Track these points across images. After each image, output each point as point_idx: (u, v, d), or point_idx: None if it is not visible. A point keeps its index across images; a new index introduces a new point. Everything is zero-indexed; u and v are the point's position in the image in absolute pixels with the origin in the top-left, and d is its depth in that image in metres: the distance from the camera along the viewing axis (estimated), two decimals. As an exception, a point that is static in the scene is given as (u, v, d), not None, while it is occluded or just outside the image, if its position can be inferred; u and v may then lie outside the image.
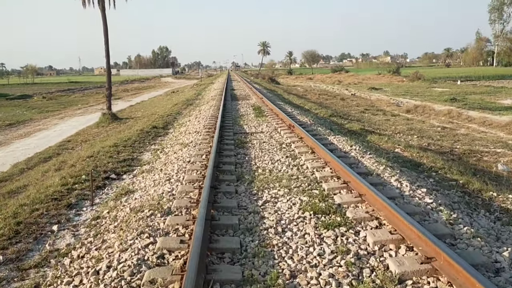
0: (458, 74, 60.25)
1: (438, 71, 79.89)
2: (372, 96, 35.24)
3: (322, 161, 6.96)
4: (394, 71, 66.09)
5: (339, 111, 22.08)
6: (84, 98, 46.27)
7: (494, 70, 69.77)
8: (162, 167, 7.58)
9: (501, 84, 45.64)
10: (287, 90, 38.61)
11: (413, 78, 52.66)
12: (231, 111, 15.56)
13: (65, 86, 72.81)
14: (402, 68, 74.85)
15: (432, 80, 52.15)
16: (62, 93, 56.27)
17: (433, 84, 48.36)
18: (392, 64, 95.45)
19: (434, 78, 54.69)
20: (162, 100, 33.36)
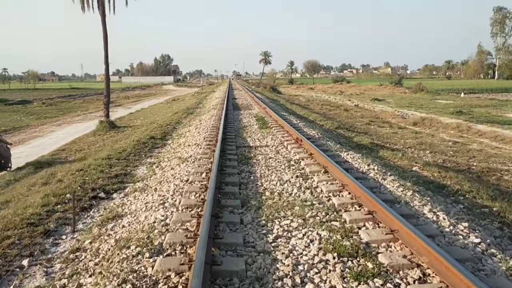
0: (461, 87, 59.58)
1: (440, 83, 79.25)
2: (376, 108, 34.50)
3: (338, 183, 6.07)
4: (396, 82, 65.43)
5: (344, 123, 21.27)
6: (84, 105, 45.51)
7: (497, 83, 69.10)
8: (157, 186, 6.69)
9: (505, 98, 44.91)
10: (289, 100, 37.85)
11: (416, 90, 51.95)
12: (233, 121, 14.71)
13: (66, 92, 72.15)
14: (403, 79, 74.09)
15: (435, 92, 51.43)
16: (63, 99, 55.56)
17: (436, 96, 47.64)
18: (394, 75, 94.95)
19: (437, 90, 53.98)
20: (162, 108, 32.59)
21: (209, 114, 17.82)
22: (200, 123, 15.21)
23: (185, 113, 21.71)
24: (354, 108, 32.51)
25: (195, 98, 39.77)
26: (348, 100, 42.56)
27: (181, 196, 5.62)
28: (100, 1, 18.82)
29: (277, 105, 25.37)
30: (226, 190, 5.83)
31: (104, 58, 20.09)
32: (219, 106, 20.97)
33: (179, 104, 34.58)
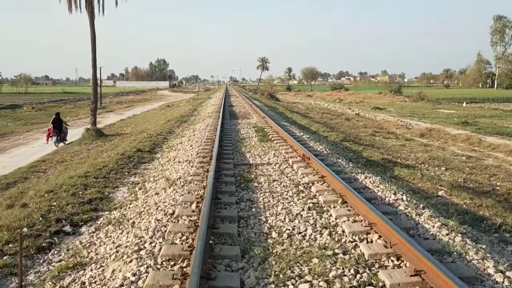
0: (461, 96, 58.74)
1: (439, 92, 78.50)
2: (378, 117, 33.37)
3: (363, 221, 4.82)
4: (396, 90, 64.54)
5: (348, 134, 20.10)
6: (75, 110, 44.12)
7: (498, 93, 68.36)
8: (135, 219, 5.41)
9: (508, 108, 43.97)
10: (288, 108, 36.75)
11: (416, 99, 50.99)
12: (230, 132, 13.47)
13: (58, 97, 70.75)
14: (402, 88, 73.26)
15: (436, 101, 50.47)
16: (54, 103, 54.17)
17: (437, 105, 46.65)
18: (392, 83, 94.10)
19: (438, 99, 53.05)
20: (155, 115, 31.32)
21: (204, 123, 16.57)
22: (193, 133, 13.96)
23: (178, 121, 20.46)
24: (355, 117, 31.39)
25: (190, 104, 38.58)
26: (348, 108, 41.46)
27: (162, 239, 4.34)
28: (88, 1, 17.60)
29: (276, 114, 24.19)
30: (221, 229, 4.56)
31: (91, 61, 18.83)
32: (215, 114, 19.73)
33: (173, 111, 33.36)
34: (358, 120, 29.06)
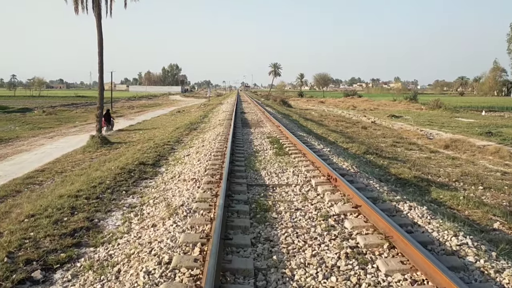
0: (479, 104, 56.79)
1: (455, 100, 76.40)
2: (395, 125, 31.97)
3: (425, 280, 3.49)
4: (411, 98, 62.83)
5: (368, 144, 18.75)
6: (85, 114, 43.36)
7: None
8: (122, 265, 4.16)
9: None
10: (301, 115, 35.51)
11: (433, 106, 49.30)
12: (242, 143, 12.25)
13: (71, 101, 70.42)
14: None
15: (454, 109, 48.68)
16: (65, 107, 53.63)
17: (455, 113, 44.92)
18: (405, 90, 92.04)
19: (455, 107, 51.23)
20: (165, 121, 30.32)
21: (215, 132, 15.38)
22: (202, 144, 12.76)
23: (187, 128, 19.33)
24: (372, 126, 30.01)
25: (201, 110, 37.60)
26: (363, 115, 40.07)
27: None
28: (95, 2, 16.59)
29: (291, 122, 22.94)
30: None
31: (98, 65, 17.81)
32: (226, 122, 18.54)
33: (184, 116, 32.39)
34: (375, 128, 27.73)
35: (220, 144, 11.67)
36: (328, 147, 12.64)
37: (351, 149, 14.59)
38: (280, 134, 14.21)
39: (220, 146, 11.29)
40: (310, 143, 12.66)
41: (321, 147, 11.86)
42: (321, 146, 12.15)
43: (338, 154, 11.38)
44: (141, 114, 44.23)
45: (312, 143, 12.82)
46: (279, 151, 10.74)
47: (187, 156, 11.28)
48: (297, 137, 12.79)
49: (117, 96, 78.18)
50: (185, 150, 12.57)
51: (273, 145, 12.02)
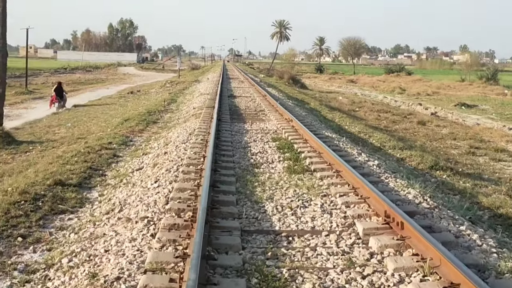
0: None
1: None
2: (468, 119, 31.27)
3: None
4: (489, 77, 62.08)
5: (430, 150, 17.81)
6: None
7: None
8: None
9: None
10: (323, 101, 34.87)
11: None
12: (231, 149, 11.23)
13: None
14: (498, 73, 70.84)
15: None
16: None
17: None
18: (476, 64, 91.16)
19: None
20: (109, 108, 29.27)
21: (186, 129, 14.35)
22: (165, 149, 11.65)
23: (143, 121, 18.31)
24: (432, 120, 29.25)
25: (167, 91, 36.75)
26: (417, 104, 39.37)
27: None
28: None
29: (308, 112, 22.00)
30: None
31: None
32: (206, 111, 17.47)
33: (138, 101, 31.43)
34: (438, 125, 27.16)
35: (194, 150, 10.57)
36: (374, 158, 11.62)
37: (409, 160, 13.77)
38: (293, 134, 13.17)
39: (194, 154, 10.19)
40: (345, 150, 11.63)
41: (363, 158, 10.78)
42: (363, 157, 11.09)
43: (392, 171, 10.32)
44: (73, 95, 43.16)
45: (348, 150, 11.79)
46: (294, 165, 9.64)
47: (138, 171, 10.25)
48: (322, 140, 11.75)
49: (37, 67, 77.03)
50: (136, 159, 11.53)
51: (283, 153, 10.95)
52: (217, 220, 6.34)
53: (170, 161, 9.93)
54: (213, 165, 8.91)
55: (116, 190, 8.92)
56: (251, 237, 6.04)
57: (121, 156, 12.45)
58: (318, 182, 8.50)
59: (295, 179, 8.69)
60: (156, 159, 10.80)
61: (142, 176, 9.59)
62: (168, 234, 5.77)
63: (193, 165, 9.19)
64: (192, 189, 7.59)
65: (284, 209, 7.04)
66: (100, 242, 6.14)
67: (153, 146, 12.93)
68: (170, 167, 9.36)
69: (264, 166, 9.74)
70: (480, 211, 9.16)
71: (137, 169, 10.40)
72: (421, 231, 5.54)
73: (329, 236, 6.07)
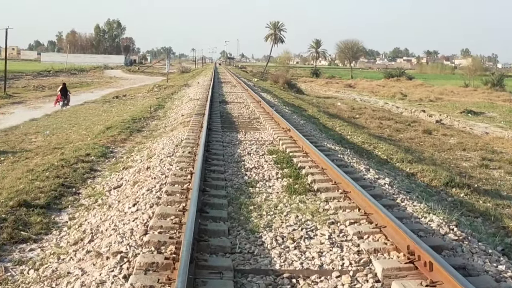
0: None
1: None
2: (475, 128, 30.68)
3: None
4: (495, 82, 61.64)
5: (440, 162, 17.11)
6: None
7: None
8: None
9: None
10: (321, 107, 34.37)
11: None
12: (223, 163, 10.43)
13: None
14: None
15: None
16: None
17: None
18: (480, 69, 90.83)
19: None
20: (92, 114, 28.47)
21: (172, 139, 13.61)
22: (148, 163, 10.83)
23: (126, 129, 17.66)
24: (438, 128, 28.68)
25: (154, 96, 36.36)
26: (420, 110, 38.88)
27: None
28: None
29: (306, 120, 21.38)
30: None
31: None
32: (195, 119, 16.73)
33: (124, 106, 30.90)
34: (445, 133, 26.65)
35: (180, 165, 9.73)
36: (384, 174, 10.80)
37: (421, 175, 13.02)
38: (292, 146, 12.36)
39: (181, 169, 9.34)
40: (351, 165, 10.86)
41: (372, 175, 9.95)
42: (372, 173, 10.25)
43: (406, 190, 9.51)
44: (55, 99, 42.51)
45: (354, 165, 11.03)
46: (295, 184, 8.78)
47: (116, 189, 9.49)
48: (325, 153, 10.95)
49: (19, 70, 76.59)
50: (115, 175, 10.78)
51: (281, 168, 10.12)
52: (204, 256, 5.49)
53: (152, 179, 9.07)
54: (201, 184, 8.06)
55: (89, 213, 8.09)
56: (246, 279, 5.17)
57: (99, 170, 11.70)
58: (323, 205, 7.64)
59: (297, 202, 7.84)
60: (137, 175, 9.96)
61: (120, 196, 8.76)
62: (144, 278, 4.89)
63: (179, 183, 8.34)
64: (176, 214, 6.73)
65: (285, 240, 6.18)
66: (62, 285, 5.28)
67: (135, 159, 12.15)
68: (152, 186, 8.50)
69: (261, 185, 8.88)
70: (508, 238, 8.37)
71: (115, 187, 9.60)
72: (455, 275, 4.70)
73: (341, 278, 5.21)
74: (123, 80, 75.71)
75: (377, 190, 8.56)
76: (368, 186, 8.73)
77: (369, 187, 8.61)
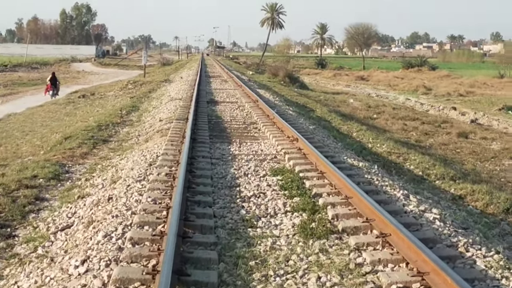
0: None
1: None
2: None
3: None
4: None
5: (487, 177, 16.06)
6: None
7: None
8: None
9: None
10: (330, 105, 34.07)
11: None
12: (211, 189, 9.27)
13: None
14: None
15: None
16: None
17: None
18: None
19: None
20: (51, 117, 27.55)
21: (146, 155, 12.57)
22: (110, 195, 9.52)
23: (89, 139, 16.82)
24: (474, 130, 27.87)
25: (128, 94, 35.70)
26: (450, 108, 38.33)
27: None
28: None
29: (315, 123, 20.60)
30: None
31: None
32: (175, 126, 15.74)
33: (91, 108, 30.21)
34: (484, 137, 26.04)
35: (153, 195, 8.52)
36: (427, 202, 9.57)
37: (470, 198, 11.96)
38: (302, 162, 11.27)
39: (153, 202, 8.09)
40: (383, 190, 9.82)
41: (415, 206, 8.68)
42: (413, 202, 8.99)
43: (462, 226, 8.35)
44: (9, 100, 42.56)
45: (387, 189, 9.99)
46: (311, 222, 7.51)
47: (63, 231, 8.27)
48: (346, 172, 9.93)
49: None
50: (67, 207, 9.71)
51: (290, 196, 8.92)
52: None
53: (113, 217, 7.72)
54: (181, 226, 6.78)
55: (23, 272, 6.84)
56: None
57: (47, 199, 10.69)
58: (354, 257, 6.34)
59: (316, 251, 6.53)
60: (95, 209, 8.68)
61: (68, 242, 7.49)
62: None
63: (150, 225, 7.08)
64: (142, 280, 5.41)
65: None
66: None
67: (96, 183, 11.08)
68: (113, 229, 7.14)
69: (264, 224, 7.58)
70: None
71: (64, 227, 8.37)
72: None
73: None
74: (93, 75, 75.45)
75: (426, 231, 7.28)
76: (413, 224, 7.49)
77: (415, 226, 7.38)
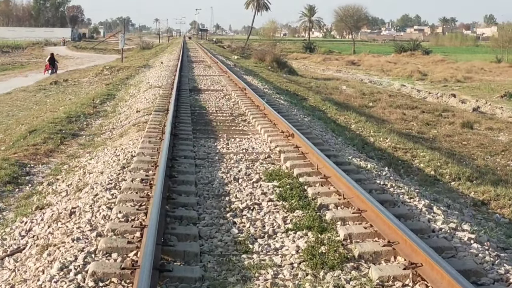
0: None
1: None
2: None
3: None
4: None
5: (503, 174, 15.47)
6: None
7: None
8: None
9: None
10: (322, 93, 33.77)
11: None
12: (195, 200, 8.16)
13: None
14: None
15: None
16: None
17: None
18: (510, 40, 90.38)
19: None
20: (19, 106, 27.24)
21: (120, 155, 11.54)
22: (73, 208, 8.30)
23: (56, 134, 15.78)
24: (478, 120, 27.06)
25: (104, 81, 34.84)
26: (450, 95, 37.71)
27: None
28: None
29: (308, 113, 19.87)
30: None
31: None
32: (154, 117, 14.84)
33: (63, 96, 29.49)
34: (489, 127, 25.52)
35: (125, 208, 7.34)
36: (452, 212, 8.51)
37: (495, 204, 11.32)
38: (301, 163, 10.32)
39: (124, 219, 6.95)
40: (400, 198, 8.70)
41: (445, 223, 7.43)
42: (441, 216, 7.83)
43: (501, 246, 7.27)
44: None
45: (404, 197, 8.82)
46: (319, 244, 6.34)
47: (12, 256, 7.06)
48: (354, 177, 8.91)
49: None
50: (21, 222, 8.45)
51: (290, 209, 7.78)
52: None
53: (74, 240, 6.45)
54: (158, 255, 5.61)
55: None
56: None
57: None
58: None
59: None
60: (54, 226, 7.41)
61: (15, 273, 6.22)
62: None
63: (119, 252, 5.86)
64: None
65: None
66: None
67: (59, 190, 9.95)
68: (71, 260, 5.86)
69: (261, 247, 6.37)
70: None
71: (13, 251, 7.07)
72: None
73: None
74: (67, 59, 75.13)
75: (465, 259, 6.09)
76: (447, 248, 6.28)
77: (449, 251, 6.21)
